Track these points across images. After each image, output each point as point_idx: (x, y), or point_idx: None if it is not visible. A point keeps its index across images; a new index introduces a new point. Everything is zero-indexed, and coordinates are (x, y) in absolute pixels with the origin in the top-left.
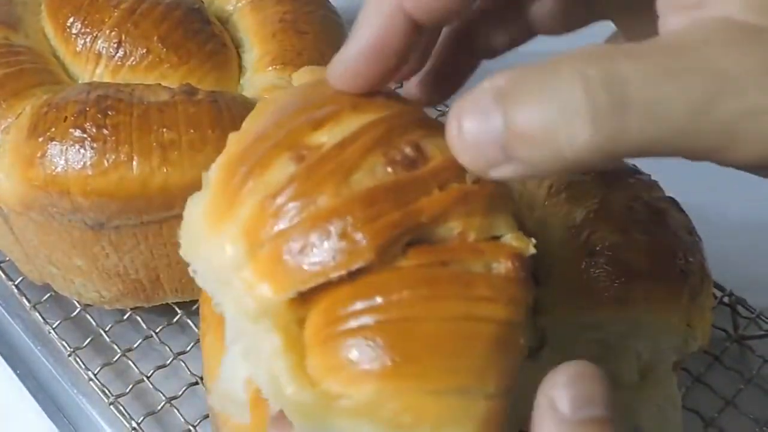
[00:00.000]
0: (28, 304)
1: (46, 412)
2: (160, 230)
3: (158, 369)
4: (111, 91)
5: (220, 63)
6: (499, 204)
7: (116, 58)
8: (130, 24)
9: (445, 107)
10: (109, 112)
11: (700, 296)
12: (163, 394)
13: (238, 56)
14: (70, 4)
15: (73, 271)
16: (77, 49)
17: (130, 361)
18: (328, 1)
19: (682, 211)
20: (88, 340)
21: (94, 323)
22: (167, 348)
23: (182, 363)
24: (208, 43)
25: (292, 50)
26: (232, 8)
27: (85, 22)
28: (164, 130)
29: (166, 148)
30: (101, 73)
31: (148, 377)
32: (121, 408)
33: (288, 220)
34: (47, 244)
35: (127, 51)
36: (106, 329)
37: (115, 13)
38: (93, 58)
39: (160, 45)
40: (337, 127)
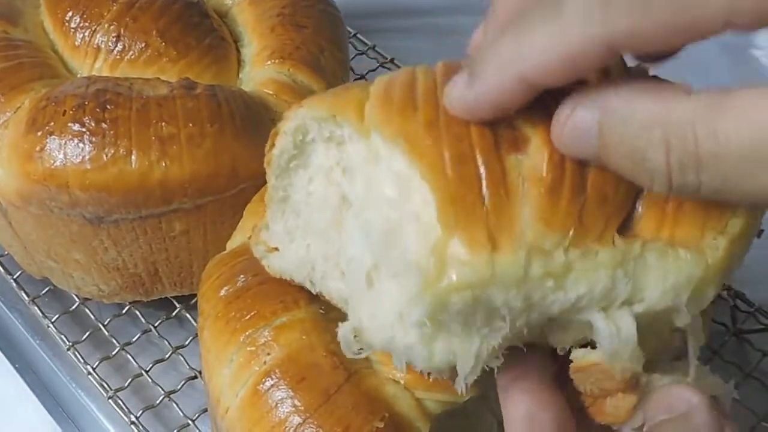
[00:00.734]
0: (26, 298)
1: (45, 406)
2: (159, 224)
3: (157, 363)
4: (110, 85)
5: (219, 57)
6: None
7: (115, 52)
8: (128, 18)
9: None
10: (108, 106)
11: None
12: (162, 388)
13: (237, 50)
14: None
15: (72, 265)
16: (76, 43)
17: (128, 355)
18: None
19: None
20: (87, 333)
21: (92, 317)
22: (166, 342)
23: (181, 357)
24: (207, 37)
25: (290, 44)
26: (230, 2)
27: (84, 16)
28: (163, 124)
29: (165, 142)
30: (100, 67)
31: (147, 371)
32: (120, 402)
33: None
34: (46, 238)
35: (126, 45)
36: (105, 323)
37: (114, 7)
38: (92, 52)
39: (158, 39)
40: None
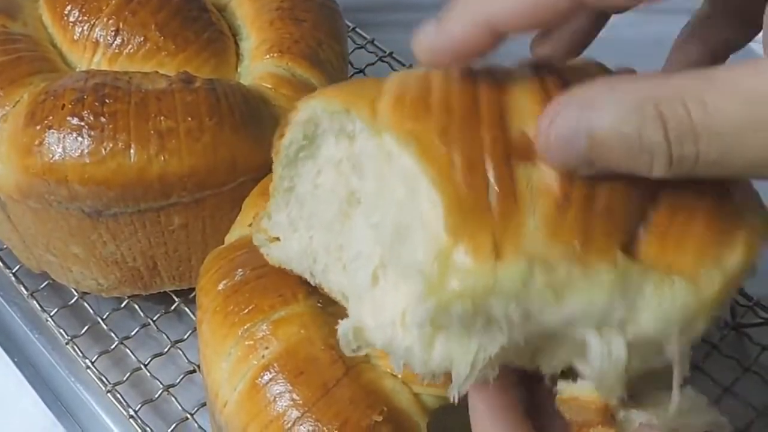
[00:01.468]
0: (25, 292)
1: (44, 400)
2: (158, 218)
3: (155, 357)
4: (109, 79)
5: (218, 51)
6: None
7: (114, 46)
8: (127, 12)
9: None
10: (107, 100)
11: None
12: (161, 382)
13: (236, 44)
14: None
15: (71, 259)
16: (75, 37)
17: (127, 349)
18: None
19: None
20: (86, 328)
21: (91, 311)
22: (165, 336)
23: (179, 351)
24: (206, 31)
25: (289, 38)
26: None
27: (83, 10)
28: (162, 118)
29: (164, 136)
30: (99, 61)
31: (146, 365)
32: (119, 396)
33: None
34: (45, 232)
35: (125, 39)
36: (104, 317)
37: (113, 1)
38: (90, 46)
39: (157, 33)
40: None
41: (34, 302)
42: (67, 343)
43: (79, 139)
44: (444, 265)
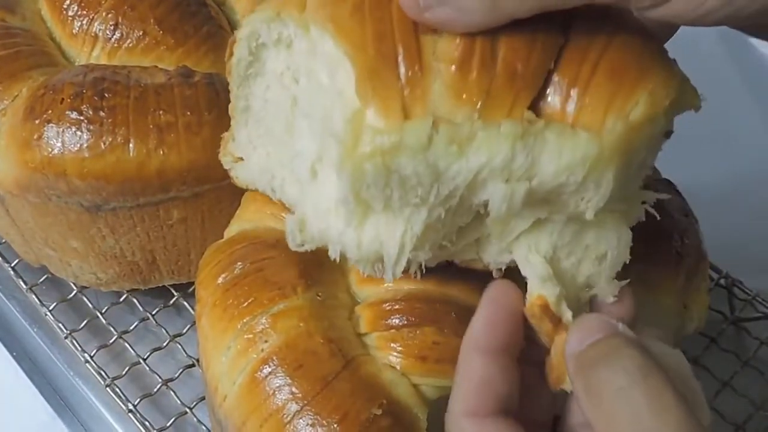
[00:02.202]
0: (24, 286)
1: (42, 394)
2: (157, 212)
3: (154, 351)
4: (108, 74)
5: (217, 45)
6: None
7: (113, 40)
8: (126, 6)
9: None
10: (106, 95)
11: (696, 278)
12: (160, 377)
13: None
14: None
15: (70, 253)
16: (74, 32)
17: (126, 343)
18: None
19: (678, 192)
20: (85, 322)
21: (90, 305)
22: (163, 330)
23: (178, 345)
24: (205, 25)
25: None
26: None
27: (82, 4)
28: (161, 113)
29: (163, 131)
30: (98, 56)
31: (145, 359)
32: (118, 390)
33: None
34: (44, 226)
35: (124, 33)
36: (103, 311)
37: None
38: (89, 40)
39: (156, 27)
40: None
41: (33, 296)
42: (66, 337)
43: (78, 133)
44: (356, 128)
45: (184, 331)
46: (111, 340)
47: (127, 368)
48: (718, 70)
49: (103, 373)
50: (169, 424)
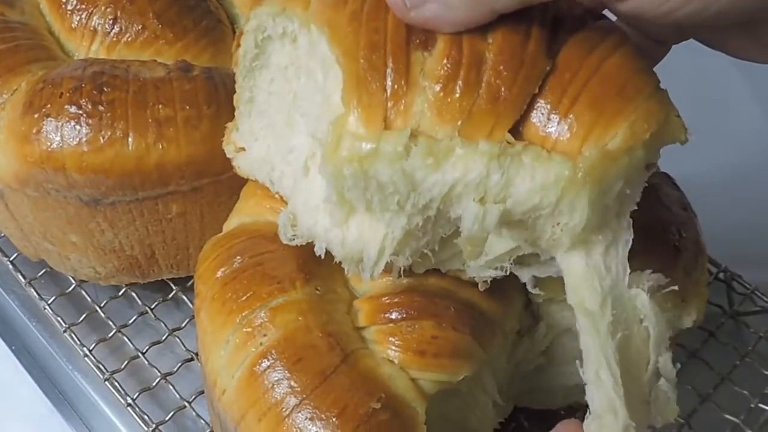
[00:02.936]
0: (23, 280)
1: (41, 388)
2: (156, 206)
3: (153, 345)
4: (107, 68)
5: (216, 39)
6: None
7: (112, 34)
8: (125, 0)
9: None
10: (105, 89)
11: (695, 272)
12: (158, 370)
13: (234, 33)
14: None
15: (69, 247)
16: (73, 26)
17: (125, 337)
18: None
19: (677, 186)
20: (83, 316)
21: (89, 299)
22: (162, 324)
23: (177, 339)
24: (204, 19)
25: None
26: None
27: None
28: (160, 107)
29: (162, 125)
30: (97, 50)
31: (143, 353)
32: (116, 384)
33: None
34: (42, 220)
35: (123, 27)
36: (101, 305)
37: None
38: (88, 34)
39: (155, 21)
40: None
41: (32, 290)
42: (65, 331)
43: (77, 127)
44: (338, 132)
45: (183, 325)
46: (110, 334)
47: (125, 362)
48: (717, 63)
49: (101, 367)
50: (167, 418)
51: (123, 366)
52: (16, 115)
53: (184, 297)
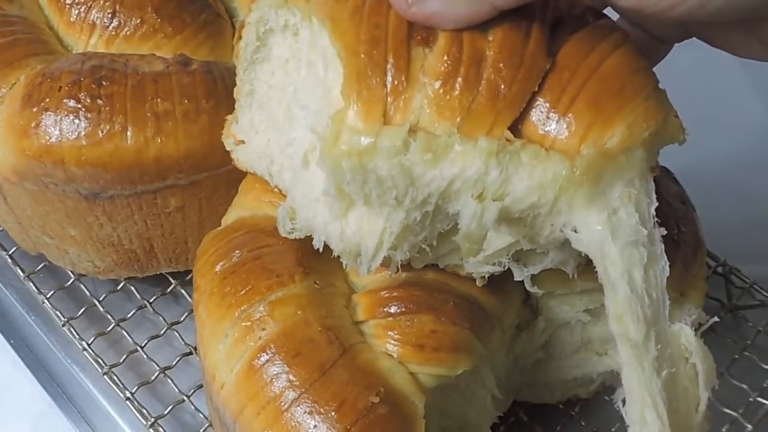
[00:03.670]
0: (21, 274)
1: (40, 382)
2: (155, 200)
3: (152, 339)
4: (105, 62)
5: (215, 33)
6: None
7: (110, 28)
8: None
9: None
10: (104, 83)
11: (693, 265)
12: (157, 364)
13: (232, 26)
14: None
15: (67, 240)
16: (71, 19)
17: (123, 331)
18: None
19: (675, 180)
20: (82, 310)
21: (87, 293)
22: (161, 318)
23: (176, 333)
24: (203, 13)
25: None
26: None
27: None
28: (159, 101)
29: (161, 119)
30: (95, 44)
31: (142, 347)
32: (115, 378)
33: None
34: (41, 214)
35: (122, 21)
36: (100, 299)
37: None
38: (87, 28)
39: (154, 15)
40: None
41: (31, 284)
42: (64, 325)
43: (76, 121)
44: (338, 125)
45: (182, 318)
46: (108, 328)
47: (124, 356)
48: (718, 56)
49: (100, 361)
50: (166, 412)
51: (122, 360)
52: (15, 109)
53: (183, 291)
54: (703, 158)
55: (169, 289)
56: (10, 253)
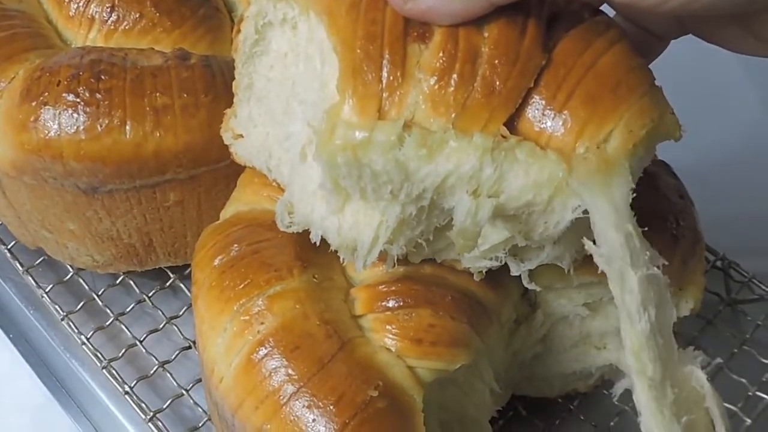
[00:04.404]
0: (20, 268)
1: (39, 376)
2: (154, 194)
3: (151, 333)
4: (104, 56)
5: (213, 27)
6: None
7: (109, 22)
8: None
9: None
10: (103, 77)
11: (692, 260)
12: (156, 358)
13: (231, 20)
14: None
15: (66, 235)
16: (70, 14)
17: (122, 325)
18: None
19: (674, 174)
20: (81, 304)
21: (86, 287)
22: (160, 312)
23: (175, 327)
24: (201, 7)
25: None
26: None
27: None
28: (157, 95)
29: (159, 113)
30: (94, 38)
31: (141, 341)
32: (114, 372)
33: None
34: (40, 208)
35: (120, 15)
36: (99, 293)
37: None
38: (86, 22)
39: (153, 9)
40: None
41: (30, 278)
42: (63, 319)
43: (75, 115)
44: (333, 120)
45: (181, 313)
46: (107, 322)
47: (123, 350)
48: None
49: (99, 355)
50: (165, 406)
51: (120, 354)
52: (14, 103)
53: (182, 285)
54: (702, 153)
55: (168, 283)
56: (9, 247)
